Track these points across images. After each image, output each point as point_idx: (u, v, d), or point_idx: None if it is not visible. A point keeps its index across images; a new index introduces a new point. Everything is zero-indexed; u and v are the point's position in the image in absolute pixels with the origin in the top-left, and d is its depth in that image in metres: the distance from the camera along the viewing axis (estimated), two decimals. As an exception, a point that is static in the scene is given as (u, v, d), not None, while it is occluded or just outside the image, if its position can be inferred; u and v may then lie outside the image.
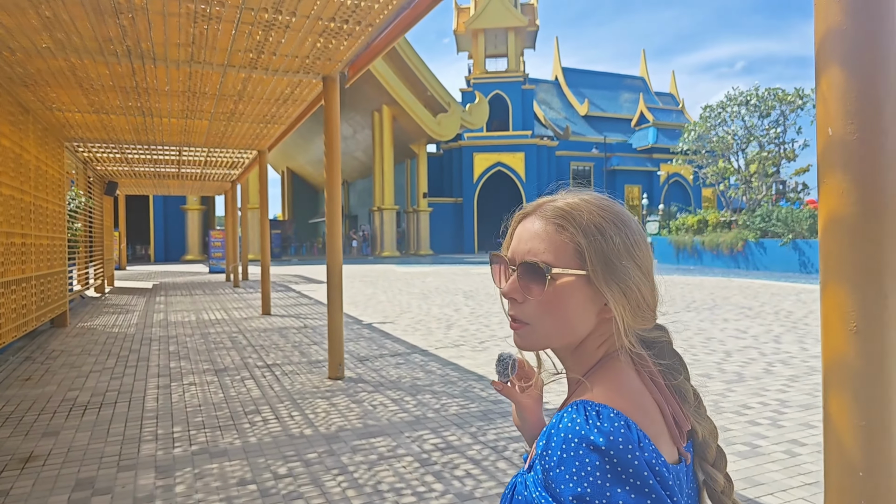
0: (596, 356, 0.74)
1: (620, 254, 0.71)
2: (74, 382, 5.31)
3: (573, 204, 0.73)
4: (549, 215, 0.73)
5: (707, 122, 21.96)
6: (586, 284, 0.71)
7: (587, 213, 0.72)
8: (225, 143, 8.99)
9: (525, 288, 0.72)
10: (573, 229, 0.71)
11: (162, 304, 11.02)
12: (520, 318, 0.74)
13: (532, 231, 0.74)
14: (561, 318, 0.72)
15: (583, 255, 0.70)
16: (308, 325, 8.47)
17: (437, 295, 12.39)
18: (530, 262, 0.71)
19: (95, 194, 12.89)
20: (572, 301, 0.71)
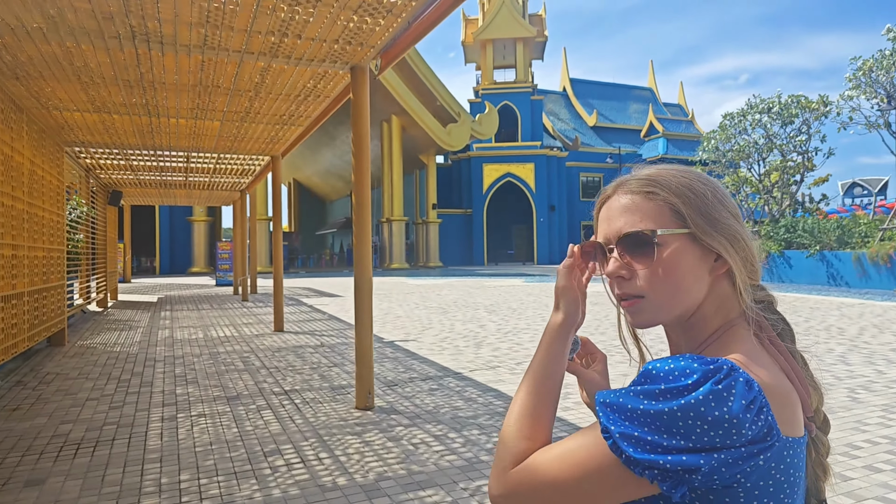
0: (712, 326, 0.72)
1: (715, 206, 0.71)
2: (68, 413, 4.67)
3: (654, 172, 0.74)
4: (634, 188, 0.73)
5: (726, 130, 21.34)
6: (692, 243, 0.70)
7: (670, 176, 0.73)
8: (236, 148, 8.40)
9: (633, 261, 0.71)
10: (664, 192, 0.71)
11: (167, 320, 10.38)
12: (632, 293, 0.72)
13: (621, 206, 0.73)
14: (676, 283, 0.70)
15: (681, 213, 0.70)
16: (325, 343, 7.82)
17: (457, 309, 11.73)
18: (631, 233, 0.71)
19: (99, 204, 12.33)
20: (683, 263, 0.70)
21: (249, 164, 10.28)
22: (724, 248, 0.70)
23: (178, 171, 10.99)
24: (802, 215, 20.20)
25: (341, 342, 7.91)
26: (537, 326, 9.18)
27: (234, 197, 15.49)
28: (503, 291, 16.10)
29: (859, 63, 17.06)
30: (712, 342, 0.70)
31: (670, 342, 0.78)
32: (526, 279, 21.97)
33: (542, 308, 11.76)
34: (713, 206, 0.71)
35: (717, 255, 0.71)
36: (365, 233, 4.73)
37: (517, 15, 41.09)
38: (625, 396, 0.61)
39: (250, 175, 11.62)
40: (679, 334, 0.76)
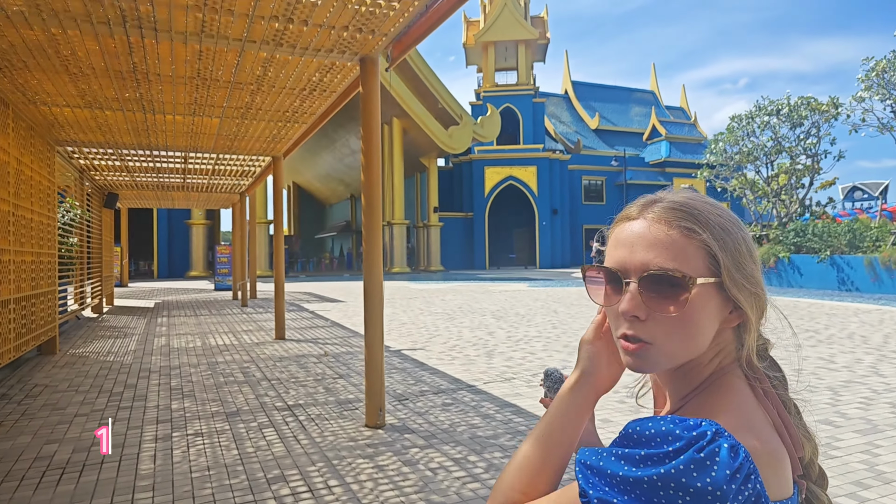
0: (706, 371, 0.68)
1: (746, 256, 0.67)
2: (54, 431, 4.31)
3: (691, 204, 0.67)
4: (669, 217, 0.65)
5: (734, 132, 21.03)
6: (717, 292, 0.65)
7: (708, 213, 0.66)
8: (236, 148, 8.06)
9: (652, 303, 0.64)
10: (704, 233, 0.64)
11: (164, 327, 10.02)
12: (642, 338, 0.65)
13: (651, 237, 0.66)
14: (691, 334, 0.65)
15: (716, 260, 0.64)
16: (329, 352, 7.45)
17: (463, 315, 11.37)
18: (661, 275, 0.63)
19: (94, 207, 11.97)
20: (704, 313, 0.64)
21: (249, 165, 9.94)
22: (749, 304, 0.66)
23: (175, 172, 10.64)
24: (811, 219, 19.87)
25: (346, 351, 7.55)
26: (549, 334, 8.83)
27: (233, 199, 15.13)
28: (508, 296, 15.75)
29: (871, 64, 16.75)
30: (702, 390, 0.67)
31: (654, 384, 0.75)
32: (530, 284, 21.62)
33: (551, 314, 11.40)
34: (745, 257, 0.67)
35: (733, 306, 0.67)
36: (375, 236, 4.39)
37: (519, 17, 40.86)
38: (605, 459, 0.57)
39: (250, 177, 11.27)
40: (668, 380, 0.72)
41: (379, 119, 4.36)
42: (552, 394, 0.86)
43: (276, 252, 8.64)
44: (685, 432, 0.55)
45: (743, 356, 0.69)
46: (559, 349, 7.51)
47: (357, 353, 7.40)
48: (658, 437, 0.56)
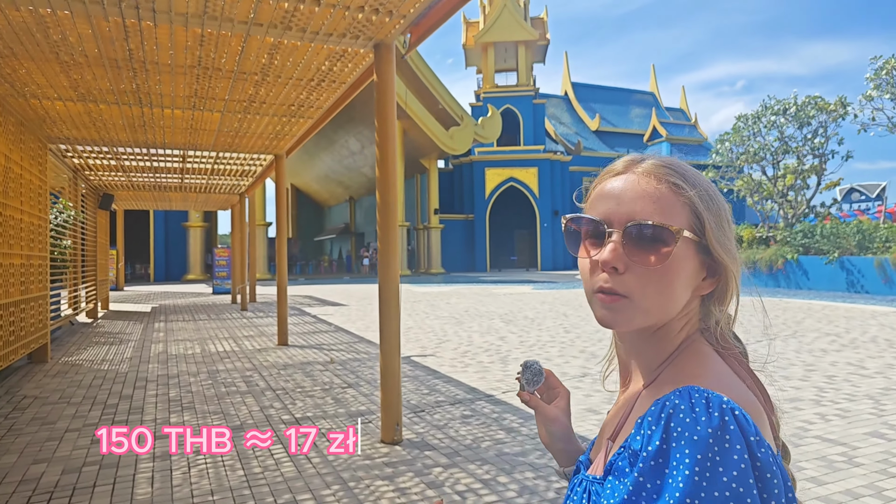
0: (677, 340, 0.67)
1: (726, 224, 0.67)
2: (43, 449, 3.96)
3: (679, 163, 0.67)
4: (658, 173, 0.65)
5: (740, 132, 20.75)
6: (696, 254, 0.64)
7: (695, 175, 0.67)
8: (237, 146, 7.72)
9: (634, 255, 0.63)
10: (691, 190, 0.64)
11: (161, 332, 9.66)
12: (618, 290, 0.63)
13: (639, 189, 0.64)
14: (667, 291, 0.63)
15: (701, 220, 0.64)
16: (335, 359, 7.11)
17: (471, 319, 11.04)
18: (649, 225, 0.62)
19: (89, 208, 11.61)
20: (683, 270, 0.64)
21: (250, 164, 9.59)
22: (731, 263, 0.66)
23: (173, 172, 10.30)
24: (819, 220, 19.60)
25: (352, 358, 7.20)
26: (562, 339, 8.50)
27: (232, 201, 14.78)
28: (514, 299, 15.42)
29: (880, 63, 16.49)
30: (674, 359, 0.66)
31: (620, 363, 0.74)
32: (534, 286, 21.29)
33: (561, 318, 11.07)
34: (726, 224, 0.67)
35: (706, 272, 0.67)
36: (391, 236, 4.06)
37: (519, 17, 40.62)
38: None
39: (251, 177, 10.92)
40: (644, 342, 0.68)
41: (395, 111, 4.03)
42: (530, 387, 0.84)
43: (279, 255, 8.30)
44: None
45: (715, 325, 0.67)
46: (575, 354, 7.19)
47: (364, 359, 7.06)
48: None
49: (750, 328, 5.43)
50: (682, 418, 0.55)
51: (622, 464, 0.59)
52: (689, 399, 0.56)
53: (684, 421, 0.55)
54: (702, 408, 0.55)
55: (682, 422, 0.55)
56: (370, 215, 45.76)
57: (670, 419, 0.55)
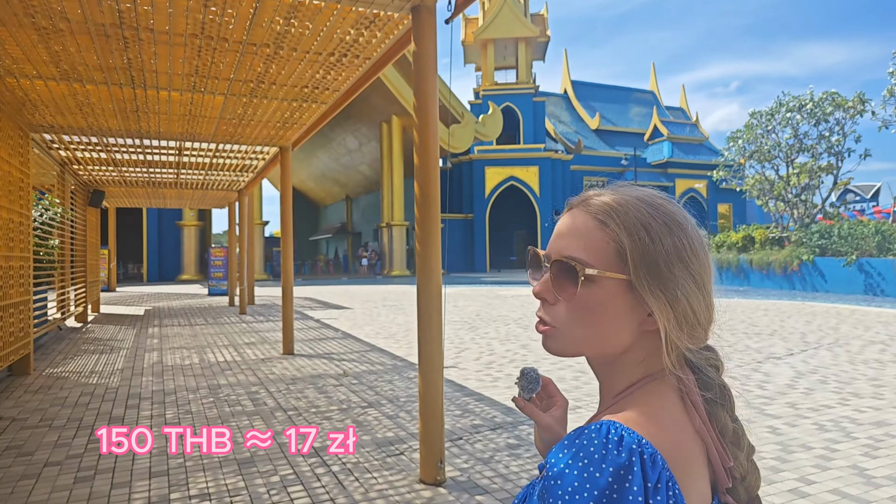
0: (636, 374, 0.67)
1: (670, 258, 0.63)
2: (16, 491, 3.29)
3: (621, 199, 0.65)
4: (592, 210, 0.66)
5: (753, 130, 20.19)
6: (627, 291, 0.63)
7: (635, 209, 0.64)
8: (239, 136, 7.04)
9: (557, 288, 0.65)
10: (616, 226, 0.63)
11: (156, 339, 8.96)
12: (546, 320, 0.68)
13: (571, 226, 0.67)
14: (593, 326, 0.64)
15: (625, 256, 0.63)
16: (348, 371, 6.45)
17: (485, 324, 10.39)
18: (563, 260, 0.65)
19: (78, 205, 10.90)
20: (609, 308, 0.64)
21: (252, 158, 8.91)
22: (658, 307, 0.63)
23: (168, 167, 9.60)
24: (836, 221, 19.05)
25: (367, 370, 6.54)
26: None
27: (230, 198, 14.07)
28: (525, 302, 14.78)
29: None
30: (630, 393, 0.65)
31: (595, 374, 0.72)
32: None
33: (581, 322, 10.44)
34: (665, 258, 0.63)
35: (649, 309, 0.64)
36: (433, 233, 3.40)
37: (519, 13, 40.05)
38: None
39: (251, 171, 10.23)
40: (602, 370, 0.70)
41: (436, 89, 3.38)
42: (526, 394, 0.82)
43: (284, 255, 7.63)
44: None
45: (665, 366, 0.65)
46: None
47: (381, 372, 6.40)
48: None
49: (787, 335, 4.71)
50: (592, 452, 0.56)
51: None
52: (606, 434, 0.57)
53: (592, 455, 0.55)
54: (613, 444, 0.56)
55: (590, 454, 0.56)
56: (367, 214, 45.05)
57: (581, 449, 0.56)
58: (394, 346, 8.17)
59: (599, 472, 0.54)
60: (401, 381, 5.88)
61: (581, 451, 0.56)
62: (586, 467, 0.55)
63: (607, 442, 0.56)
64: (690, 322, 0.64)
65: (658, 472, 0.55)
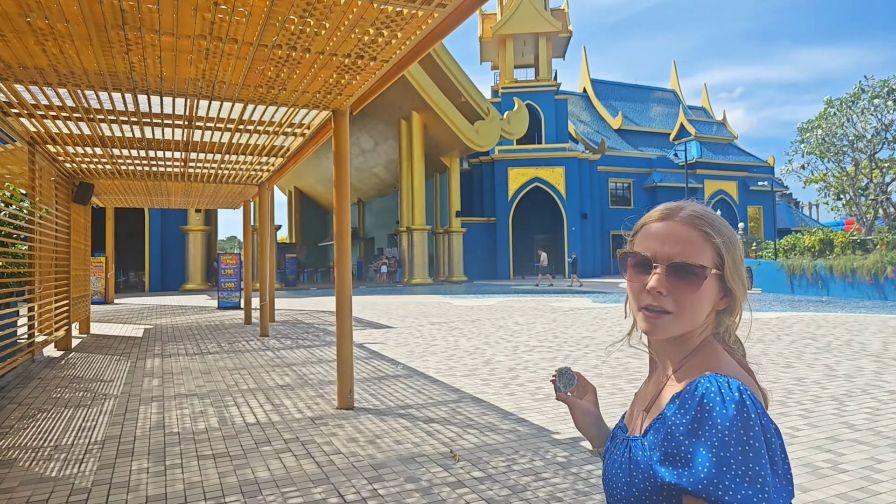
0: (697, 341, 0.90)
1: (741, 259, 0.90)
2: None
3: (709, 214, 0.91)
4: (693, 222, 0.89)
5: (829, 119, 17.89)
6: (717, 282, 0.88)
7: (720, 223, 0.90)
8: (277, 95, 4.78)
9: (674, 284, 0.86)
10: (717, 237, 0.88)
11: (156, 379, 6.68)
12: (663, 308, 0.87)
13: (678, 235, 0.88)
14: (698, 309, 0.87)
15: (722, 258, 0.87)
16: (457, 454, 4.14)
17: (577, 348, 8.08)
18: (685, 264, 0.86)
19: (60, 201, 8.65)
20: (707, 296, 0.87)
21: (287, 131, 6.64)
22: (740, 292, 0.89)
23: (174, 149, 7.36)
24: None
25: (479, 442, 4.22)
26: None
27: (247, 195, 11.80)
28: (593, 317, 12.45)
29: None
30: (695, 354, 0.88)
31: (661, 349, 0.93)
32: (594, 298, 18.31)
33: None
34: (739, 260, 0.89)
35: (724, 293, 0.89)
36: None
37: (540, 7, 37.92)
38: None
39: (281, 155, 7.95)
40: (668, 349, 0.91)
41: None
42: (567, 389, 1.10)
43: (340, 261, 5.34)
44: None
45: (728, 331, 0.92)
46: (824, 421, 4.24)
47: (502, 447, 4.09)
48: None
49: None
50: (714, 396, 0.76)
51: (659, 426, 0.82)
52: (717, 382, 0.78)
53: (714, 398, 0.76)
54: (726, 389, 0.76)
55: (713, 399, 0.76)
56: (380, 219, 42.81)
57: (703, 396, 0.76)
58: (486, 389, 5.88)
59: (726, 408, 0.74)
60: (551, 470, 3.57)
61: (705, 397, 0.76)
62: (716, 406, 0.75)
63: (721, 389, 0.76)
64: (746, 299, 0.91)
65: (757, 402, 0.77)
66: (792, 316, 12.17)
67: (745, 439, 0.72)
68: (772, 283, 19.68)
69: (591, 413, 1.09)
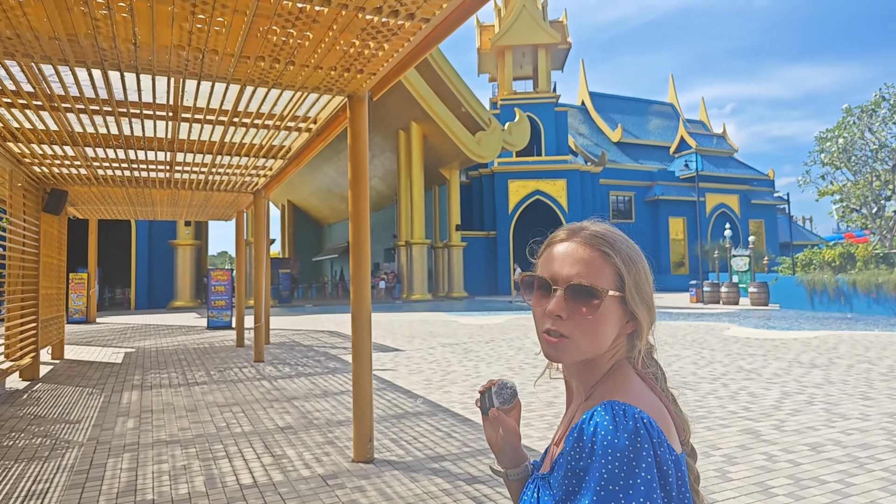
0: (606, 366, 0.86)
1: (644, 280, 0.86)
2: None
3: (609, 233, 0.87)
4: (592, 242, 0.85)
5: (850, 129, 17.15)
6: (619, 305, 0.84)
7: (622, 243, 0.87)
8: (283, 73, 3.84)
9: (572, 307, 0.83)
10: (617, 258, 0.84)
11: (131, 421, 5.64)
12: (562, 332, 0.83)
13: (577, 256, 0.85)
14: (598, 334, 0.83)
15: (622, 280, 0.84)
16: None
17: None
18: (582, 286, 0.82)
19: (28, 210, 7.64)
20: (609, 319, 0.83)
21: (289, 128, 5.68)
22: (642, 314, 0.85)
23: (157, 149, 6.38)
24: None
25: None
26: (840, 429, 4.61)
27: (240, 204, 10.80)
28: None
29: None
30: (604, 381, 0.85)
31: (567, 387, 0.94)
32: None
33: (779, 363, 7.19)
34: (644, 280, 0.86)
35: (630, 317, 0.86)
36: None
37: (539, 19, 37.43)
38: None
39: (280, 157, 6.97)
40: (582, 368, 0.87)
41: None
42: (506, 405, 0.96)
43: (358, 275, 4.36)
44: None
45: (635, 356, 0.87)
46: None
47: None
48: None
49: None
50: (606, 426, 0.73)
51: (562, 461, 0.78)
52: (612, 411, 0.75)
53: (607, 428, 0.72)
54: (620, 418, 0.73)
55: (606, 428, 0.73)
56: (376, 233, 41.80)
57: (596, 427, 0.73)
58: (530, 433, 4.89)
59: (618, 438, 0.71)
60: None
61: (598, 427, 0.73)
62: (607, 435, 0.72)
63: (616, 417, 0.73)
64: (653, 321, 0.88)
65: (656, 431, 0.73)
66: (830, 335, 11.26)
67: (636, 471, 0.70)
68: (791, 299, 18.81)
69: (515, 433, 0.96)
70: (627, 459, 0.70)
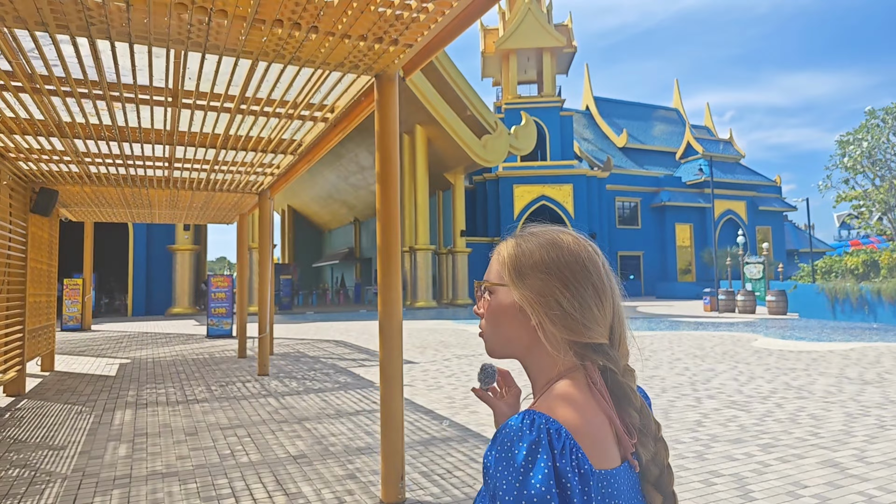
0: (551, 375, 0.81)
1: (536, 265, 0.80)
2: None
3: (516, 234, 0.88)
4: (498, 245, 0.89)
5: (871, 132, 16.58)
6: (514, 302, 0.82)
7: (517, 237, 0.86)
8: (303, 44, 3.25)
9: (478, 304, 0.88)
10: (498, 249, 0.87)
11: (123, 444, 5.01)
12: (480, 329, 0.87)
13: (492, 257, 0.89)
14: (497, 326, 0.83)
15: (504, 267, 0.83)
16: None
17: (700, 402, 6.49)
18: (477, 283, 0.88)
19: (15, 211, 7.02)
20: (504, 315, 0.82)
21: (303, 117, 5.08)
22: (527, 303, 0.80)
23: (155, 142, 5.77)
24: None
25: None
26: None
27: (244, 206, 10.18)
28: (661, 344, 10.86)
29: None
30: (548, 387, 0.80)
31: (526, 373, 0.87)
32: (650, 325, 16.69)
33: (844, 393, 6.57)
34: (532, 265, 0.81)
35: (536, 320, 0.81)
36: None
37: (544, 22, 36.94)
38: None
39: (290, 152, 6.36)
40: (527, 369, 0.85)
41: None
42: (484, 385, 0.96)
43: (385, 281, 3.75)
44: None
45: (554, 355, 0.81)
46: None
47: None
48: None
49: None
50: (512, 436, 0.70)
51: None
52: (522, 420, 0.71)
53: (513, 439, 0.70)
54: (527, 427, 0.70)
55: (509, 437, 0.70)
56: (378, 239, 41.19)
57: (504, 438, 0.71)
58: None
59: (518, 449, 0.69)
60: None
61: (505, 438, 0.70)
62: (509, 449, 0.69)
63: (522, 426, 0.70)
64: (560, 315, 0.78)
65: (563, 441, 0.69)
66: (867, 347, 10.64)
67: (531, 482, 0.67)
68: (811, 308, 18.18)
69: (504, 415, 0.96)
70: (525, 471, 0.67)
